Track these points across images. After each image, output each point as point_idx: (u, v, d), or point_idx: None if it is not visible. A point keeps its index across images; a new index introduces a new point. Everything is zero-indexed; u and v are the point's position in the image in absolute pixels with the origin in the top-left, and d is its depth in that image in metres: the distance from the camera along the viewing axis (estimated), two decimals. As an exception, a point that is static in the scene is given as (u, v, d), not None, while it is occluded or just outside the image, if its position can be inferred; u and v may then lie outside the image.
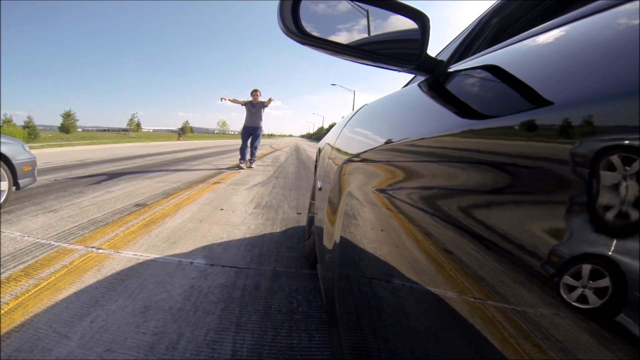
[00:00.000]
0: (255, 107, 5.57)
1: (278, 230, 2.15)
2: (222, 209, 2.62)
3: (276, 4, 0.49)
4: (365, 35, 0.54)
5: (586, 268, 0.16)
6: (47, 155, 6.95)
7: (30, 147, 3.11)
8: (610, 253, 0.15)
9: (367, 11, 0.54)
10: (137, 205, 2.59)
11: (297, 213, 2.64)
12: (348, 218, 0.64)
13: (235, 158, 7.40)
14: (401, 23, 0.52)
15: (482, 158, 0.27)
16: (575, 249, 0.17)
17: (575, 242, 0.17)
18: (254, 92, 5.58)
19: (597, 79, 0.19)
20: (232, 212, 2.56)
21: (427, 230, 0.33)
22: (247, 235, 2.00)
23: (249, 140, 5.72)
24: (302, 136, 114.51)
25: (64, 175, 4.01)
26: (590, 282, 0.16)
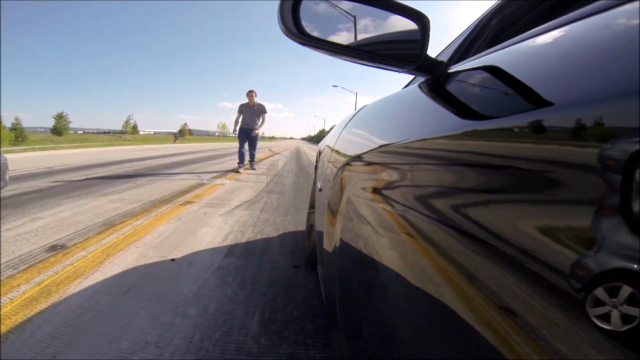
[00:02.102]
0: (251, 109, 5.25)
1: (258, 317, 1.14)
2: (173, 260, 1.58)
3: (277, 5, 0.49)
4: (366, 36, 0.54)
5: (585, 269, 0.16)
6: (21, 160, 5.95)
7: (11, 151, 2.57)
8: (609, 254, 0.15)
9: (367, 11, 0.54)
10: (53, 248, 1.66)
11: (294, 266, 1.59)
12: (348, 220, 0.64)
13: (227, 163, 6.59)
14: (401, 24, 0.52)
15: (483, 159, 0.27)
16: (575, 249, 0.17)
17: (575, 242, 0.17)
18: (250, 93, 5.23)
19: (597, 80, 0.19)
20: (188, 265, 1.53)
21: (428, 233, 0.33)
22: (196, 338, 1.01)
23: (247, 143, 5.40)
24: (303, 138, 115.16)
25: (10, 189, 2.97)
26: (589, 286, 0.15)
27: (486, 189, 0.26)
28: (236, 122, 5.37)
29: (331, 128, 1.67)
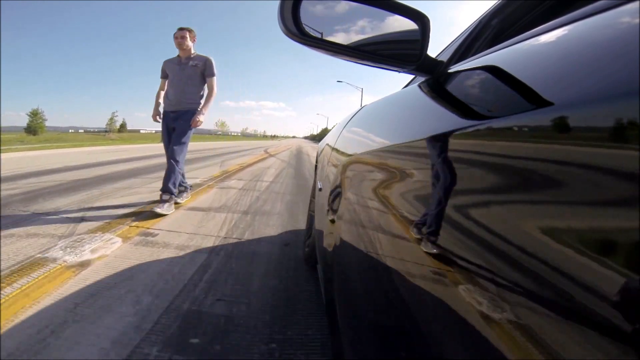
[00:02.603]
0: (183, 68, 2.41)
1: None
2: None
3: (277, 5, 0.50)
4: (366, 36, 0.54)
5: (585, 269, 0.16)
6: None
7: None
8: (610, 254, 0.15)
9: (367, 12, 0.54)
10: None
11: None
12: (348, 219, 0.64)
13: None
14: (401, 24, 0.52)
15: (483, 159, 0.27)
16: (575, 248, 0.17)
17: (575, 242, 0.17)
18: (180, 33, 2.39)
19: (597, 80, 0.19)
20: None
21: (428, 232, 0.33)
22: None
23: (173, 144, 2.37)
24: (306, 137, 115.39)
25: None
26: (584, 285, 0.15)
27: (486, 189, 0.26)
28: (158, 99, 2.52)
29: (333, 127, 1.68)
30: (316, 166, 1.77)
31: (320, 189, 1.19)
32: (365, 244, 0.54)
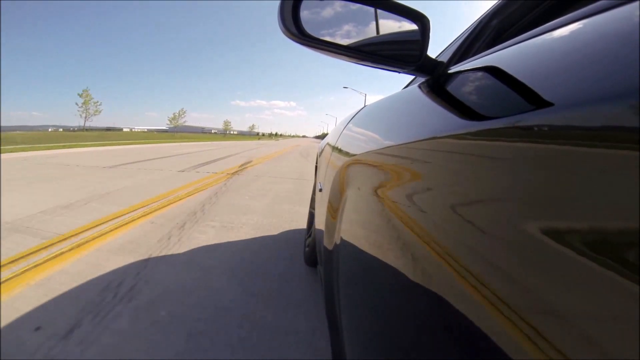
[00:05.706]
0: None
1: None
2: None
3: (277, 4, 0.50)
4: (366, 37, 0.54)
5: (585, 269, 0.16)
6: None
7: None
8: (610, 254, 0.15)
9: (367, 12, 0.54)
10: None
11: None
12: (348, 219, 0.64)
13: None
14: (401, 24, 0.52)
15: (483, 159, 0.27)
16: (575, 249, 0.17)
17: (575, 242, 0.17)
18: None
19: (597, 80, 0.19)
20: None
21: (429, 232, 0.33)
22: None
23: None
24: (317, 137, 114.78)
25: None
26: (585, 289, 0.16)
27: (486, 190, 0.26)
28: None
29: (332, 128, 1.72)
30: (316, 166, 1.77)
31: (320, 189, 1.19)
32: (365, 244, 0.54)
